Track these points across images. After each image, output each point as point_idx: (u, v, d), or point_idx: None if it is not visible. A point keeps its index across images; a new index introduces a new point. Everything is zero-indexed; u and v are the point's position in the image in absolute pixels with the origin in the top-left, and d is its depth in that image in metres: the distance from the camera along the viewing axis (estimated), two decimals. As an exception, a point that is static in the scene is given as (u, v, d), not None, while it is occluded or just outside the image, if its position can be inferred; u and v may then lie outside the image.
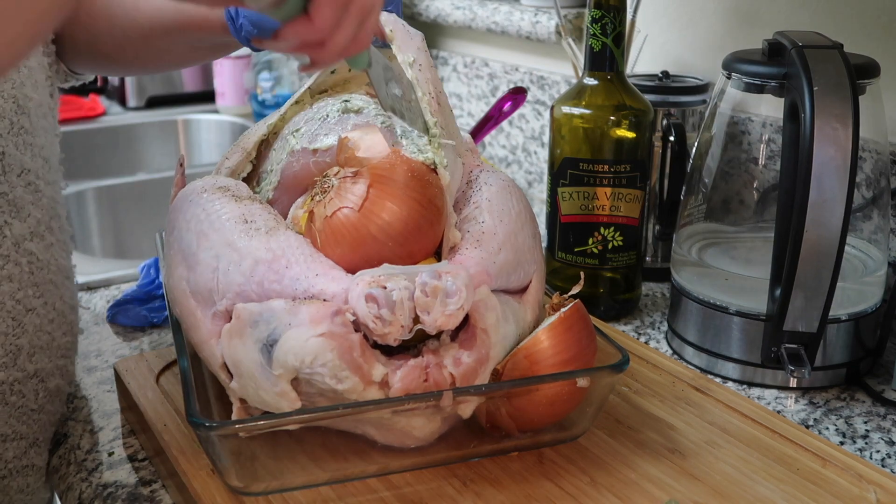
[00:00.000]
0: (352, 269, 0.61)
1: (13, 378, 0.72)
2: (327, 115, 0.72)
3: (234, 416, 0.63)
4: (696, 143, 0.91)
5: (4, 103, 0.69)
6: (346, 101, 0.73)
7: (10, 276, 0.70)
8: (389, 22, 0.73)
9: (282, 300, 0.60)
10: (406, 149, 0.64)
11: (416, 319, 0.59)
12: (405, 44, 0.71)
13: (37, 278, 0.72)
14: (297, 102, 0.78)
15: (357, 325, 0.59)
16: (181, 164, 0.79)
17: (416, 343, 0.62)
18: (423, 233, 0.63)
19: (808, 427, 0.75)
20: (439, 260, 0.65)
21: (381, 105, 0.65)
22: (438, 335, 0.62)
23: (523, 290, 0.68)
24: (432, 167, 0.64)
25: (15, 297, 0.70)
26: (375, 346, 0.60)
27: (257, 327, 0.60)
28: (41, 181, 0.72)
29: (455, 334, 0.62)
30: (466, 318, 0.61)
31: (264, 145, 0.78)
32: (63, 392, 0.80)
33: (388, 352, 0.61)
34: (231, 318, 0.62)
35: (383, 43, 0.73)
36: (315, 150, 0.69)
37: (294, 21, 0.53)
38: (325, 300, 0.60)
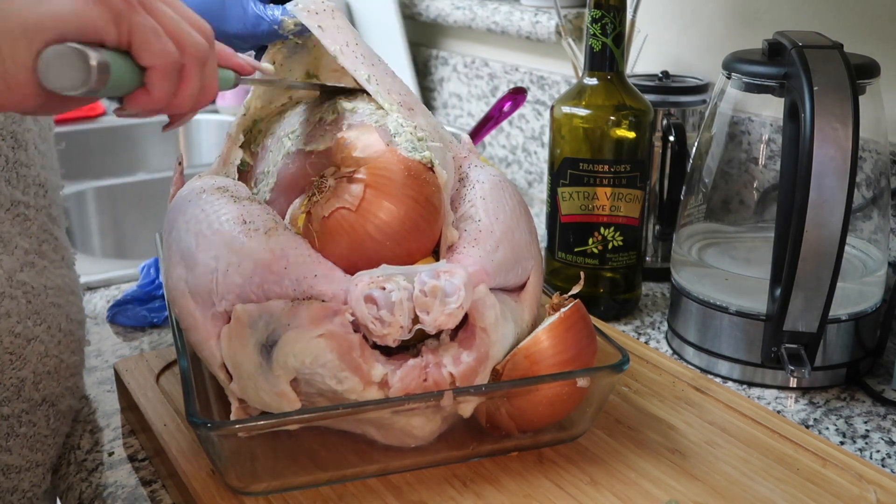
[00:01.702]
0: (350, 270, 0.61)
1: (20, 409, 0.70)
2: (321, 117, 0.72)
3: (232, 416, 0.63)
4: (696, 143, 0.91)
5: (2, 142, 0.68)
6: (340, 100, 0.73)
7: (7, 313, 0.68)
8: (316, 17, 0.73)
9: (281, 301, 0.60)
10: (401, 147, 0.64)
11: (416, 319, 0.59)
12: (333, 37, 0.72)
13: (35, 306, 0.71)
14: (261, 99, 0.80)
15: (356, 326, 0.59)
16: (180, 164, 0.79)
17: (415, 343, 0.62)
18: (421, 232, 0.63)
19: (808, 427, 0.75)
20: (437, 259, 0.65)
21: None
22: (438, 335, 0.62)
23: (521, 287, 0.68)
24: (429, 165, 0.64)
25: (14, 331, 0.69)
26: (375, 346, 0.60)
27: (256, 328, 0.60)
28: (31, 209, 0.71)
29: (454, 334, 0.62)
30: (465, 318, 0.61)
31: (260, 146, 0.78)
32: (73, 410, 0.78)
33: (388, 352, 0.61)
34: (230, 318, 0.62)
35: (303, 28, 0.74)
36: (311, 152, 0.69)
37: (134, 94, 0.52)
38: (324, 301, 0.60)
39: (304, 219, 0.64)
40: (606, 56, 0.90)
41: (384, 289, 0.58)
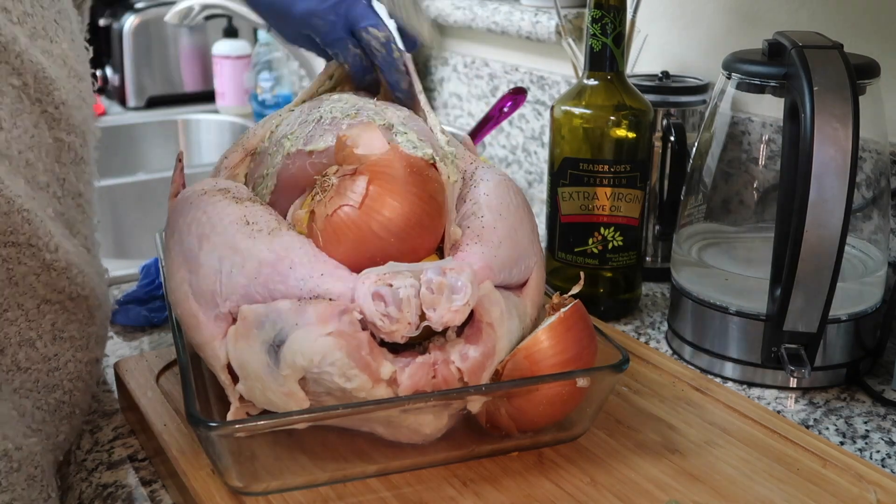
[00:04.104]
0: (355, 268, 0.62)
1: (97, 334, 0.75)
2: (320, 117, 0.72)
3: (229, 416, 0.63)
4: (696, 143, 0.91)
5: (77, 138, 0.72)
6: (338, 101, 0.74)
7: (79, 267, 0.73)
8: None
9: (287, 301, 0.60)
10: (402, 145, 0.64)
11: (423, 316, 0.59)
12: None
13: (85, 291, 0.75)
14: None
15: (364, 324, 0.59)
16: (180, 160, 0.79)
17: (420, 340, 0.62)
18: (425, 228, 0.63)
19: (808, 427, 0.75)
20: (442, 257, 0.65)
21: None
22: (444, 332, 0.62)
23: (523, 284, 0.69)
24: (431, 162, 0.65)
25: (92, 284, 0.74)
26: (382, 343, 0.60)
27: (263, 328, 0.60)
28: (86, 203, 0.76)
29: (460, 330, 0.63)
30: (471, 314, 0.62)
31: (257, 150, 0.78)
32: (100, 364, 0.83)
33: (394, 349, 0.61)
34: (234, 319, 0.62)
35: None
36: (311, 152, 0.69)
37: None
38: (331, 299, 0.60)
39: (307, 218, 0.64)
40: (606, 56, 0.90)
41: (391, 286, 0.59)
